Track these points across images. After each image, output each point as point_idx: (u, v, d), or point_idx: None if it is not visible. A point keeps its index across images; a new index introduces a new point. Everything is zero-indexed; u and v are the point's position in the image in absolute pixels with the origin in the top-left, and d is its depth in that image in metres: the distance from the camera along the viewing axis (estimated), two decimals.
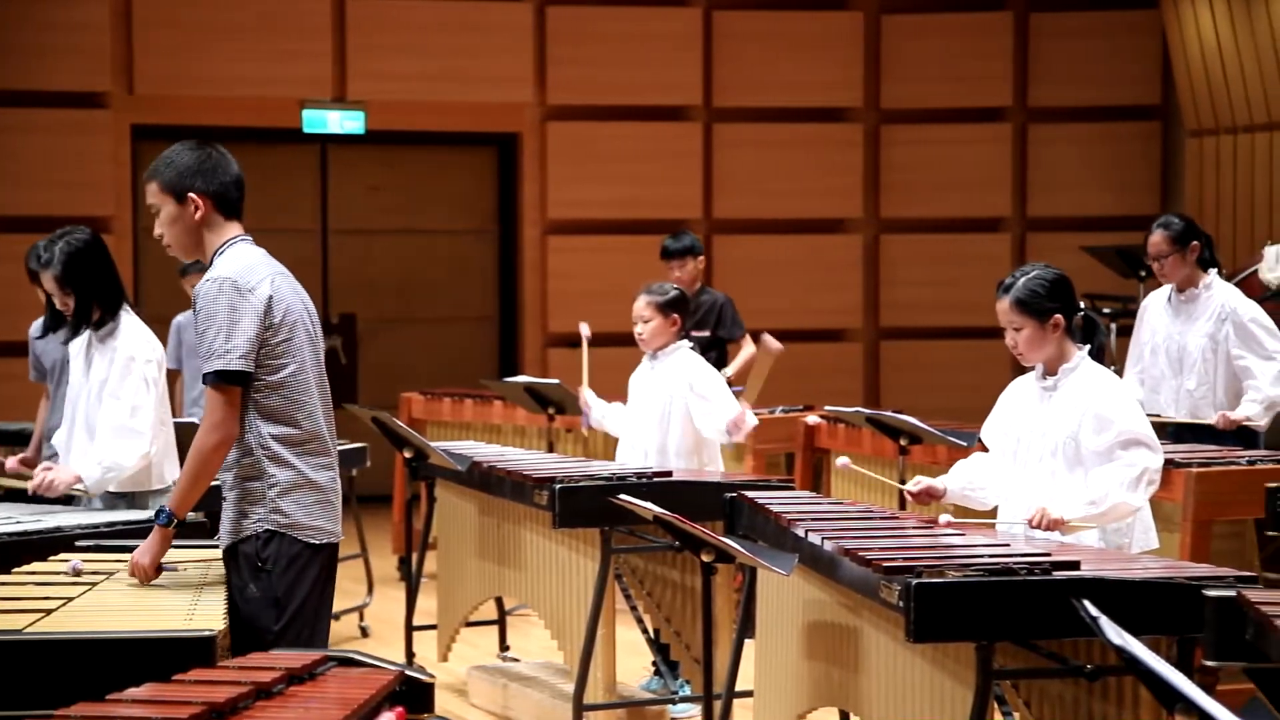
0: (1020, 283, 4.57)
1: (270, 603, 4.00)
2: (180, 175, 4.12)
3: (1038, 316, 4.53)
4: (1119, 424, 4.43)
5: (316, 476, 4.07)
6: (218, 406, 4.00)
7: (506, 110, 11.37)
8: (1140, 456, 4.40)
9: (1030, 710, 4.11)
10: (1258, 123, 10.85)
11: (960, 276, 11.65)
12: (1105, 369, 4.63)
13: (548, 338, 11.51)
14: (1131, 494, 4.39)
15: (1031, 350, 4.56)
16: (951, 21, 11.70)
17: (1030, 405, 4.62)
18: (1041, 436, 4.55)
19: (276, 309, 4.05)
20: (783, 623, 4.78)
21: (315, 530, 4.06)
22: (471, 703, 6.54)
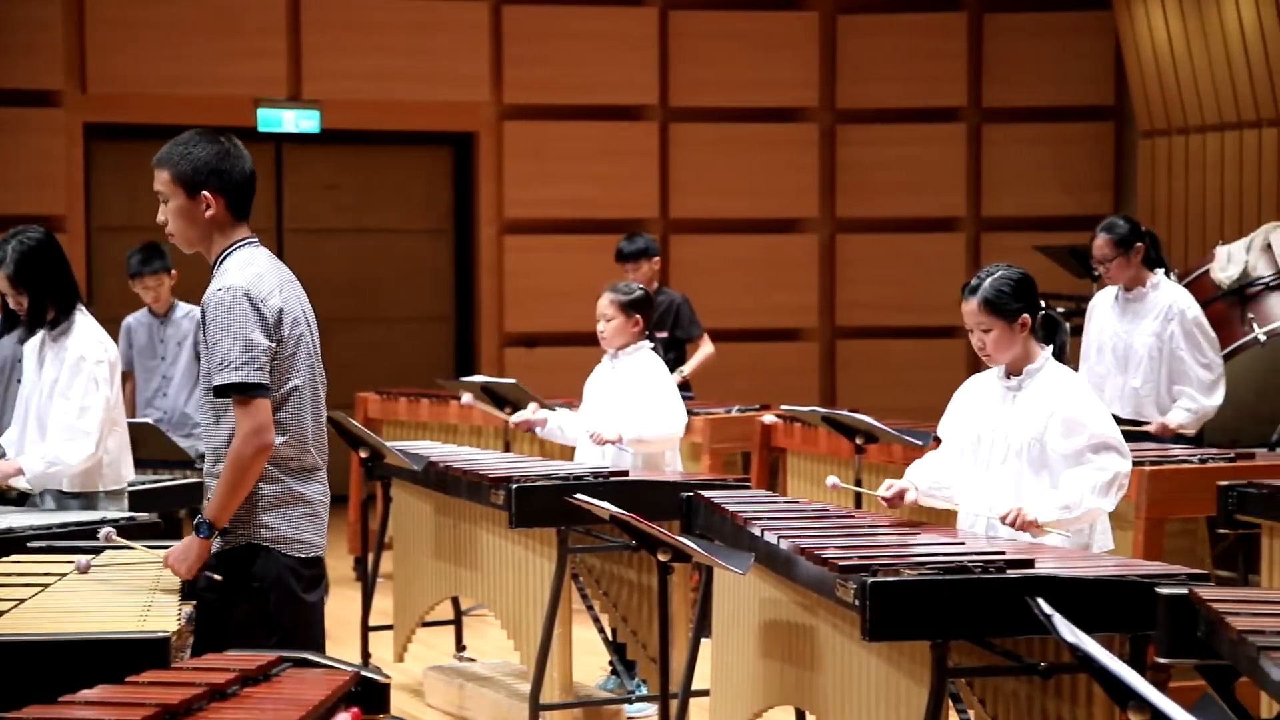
0: (987, 283, 4.56)
1: (262, 619, 3.96)
2: (196, 170, 4.01)
3: (1006, 317, 4.53)
4: (1090, 428, 4.43)
5: (305, 490, 4.04)
6: (250, 415, 3.91)
7: (463, 109, 11.35)
8: (1111, 461, 4.41)
9: (985, 708, 4.13)
10: (1209, 123, 10.94)
11: (916, 276, 11.70)
12: (1069, 370, 4.64)
13: (504, 337, 11.49)
14: (1103, 498, 4.40)
15: (1000, 351, 4.56)
16: (906, 22, 11.74)
17: (992, 405, 4.62)
18: (1005, 438, 4.54)
19: (285, 322, 3.99)
20: (739, 622, 4.78)
21: (303, 544, 4.04)
22: (428, 703, 6.53)
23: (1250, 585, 5.27)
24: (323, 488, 4.09)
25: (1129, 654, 3.84)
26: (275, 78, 10.95)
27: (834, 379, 11.89)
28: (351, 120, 11.19)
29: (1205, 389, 6.51)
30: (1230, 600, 3.39)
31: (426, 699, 6.55)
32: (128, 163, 11.11)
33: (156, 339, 7.73)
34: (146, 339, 7.74)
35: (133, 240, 8.24)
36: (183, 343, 7.64)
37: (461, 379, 8.28)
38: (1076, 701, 3.89)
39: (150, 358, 7.73)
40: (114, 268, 10.91)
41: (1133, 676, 2.57)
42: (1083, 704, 3.87)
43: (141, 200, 10.99)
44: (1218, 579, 5.63)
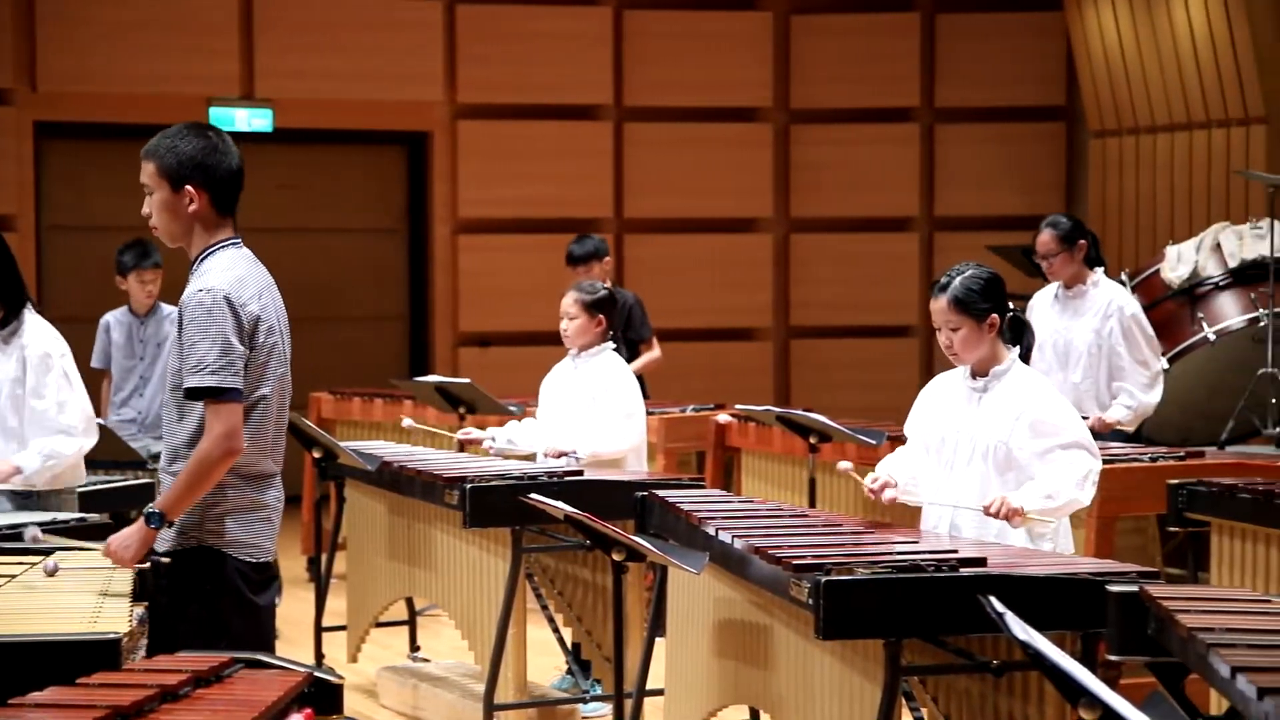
0: (957, 282, 4.55)
1: (213, 622, 3.94)
2: (180, 163, 3.99)
3: (975, 316, 4.53)
4: (1062, 428, 4.45)
5: (262, 496, 4.03)
6: (222, 418, 3.89)
7: (417, 109, 11.33)
8: (1084, 458, 4.44)
9: (938, 706, 4.15)
10: (1159, 124, 11.02)
11: (869, 275, 11.74)
12: (1037, 373, 4.65)
13: (458, 337, 11.47)
14: (1080, 492, 4.42)
15: (967, 350, 4.55)
16: (859, 22, 11.78)
17: (958, 405, 4.61)
18: (970, 439, 4.54)
19: (261, 330, 3.97)
20: (693, 621, 4.79)
21: (255, 549, 4.02)
22: (381, 704, 6.51)
23: (1200, 583, 5.31)
24: (278, 494, 4.09)
25: (1080, 651, 3.87)
26: (228, 76, 10.90)
27: (788, 378, 11.92)
28: (305, 119, 11.15)
29: (1144, 386, 6.57)
30: (1180, 598, 3.41)
31: (380, 700, 6.54)
32: (78, 161, 11.04)
33: (136, 338, 7.68)
34: (125, 338, 7.69)
35: (83, 239, 8.21)
36: (162, 343, 7.60)
37: (415, 379, 8.26)
38: (1028, 699, 3.91)
39: (128, 357, 7.68)
40: (64, 267, 10.86)
41: (1084, 674, 2.58)
42: (1035, 701, 3.89)
43: (92, 199, 10.97)
44: (1168, 577, 5.68)
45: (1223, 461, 5.89)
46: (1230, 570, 5.03)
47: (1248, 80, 10.35)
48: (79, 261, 10.74)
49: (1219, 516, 5.09)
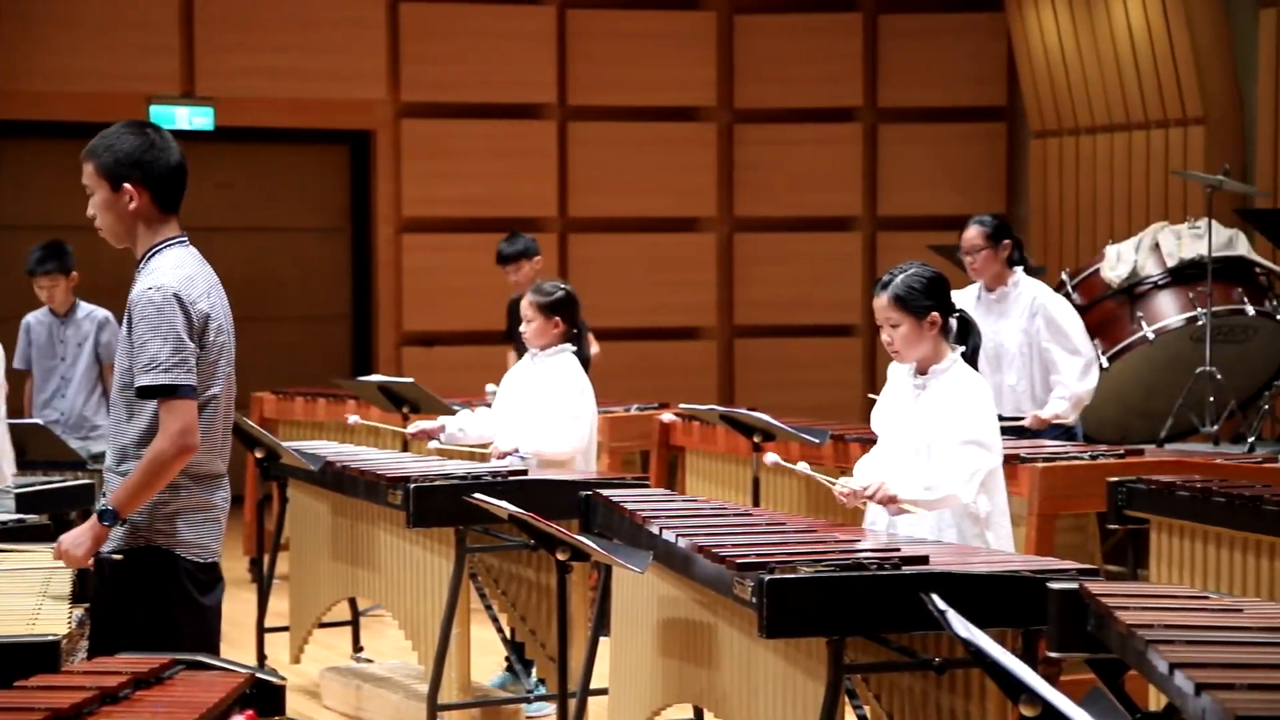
0: (899, 279, 4.60)
1: (160, 622, 3.92)
2: (118, 162, 3.97)
3: (915, 314, 4.56)
4: (969, 427, 4.49)
5: (211, 497, 4.01)
6: (177, 415, 3.86)
7: (359, 107, 11.29)
8: (977, 456, 4.47)
9: (880, 703, 4.17)
10: (1099, 124, 11.10)
11: (813, 275, 11.78)
12: (975, 372, 4.68)
13: (402, 336, 11.44)
14: (963, 488, 4.46)
15: (908, 347, 4.59)
16: (802, 22, 11.82)
17: (903, 401, 4.67)
18: (907, 435, 4.60)
19: (211, 329, 3.96)
20: (638, 620, 4.79)
21: (202, 549, 4.00)
22: (324, 704, 6.48)
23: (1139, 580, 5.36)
24: (226, 494, 4.07)
25: (1021, 648, 3.89)
26: (168, 74, 10.83)
27: (732, 377, 11.95)
28: (246, 118, 11.09)
29: (1078, 375, 6.56)
30: (1119, 595, 3.43)
31: (323, 700, 6.51)
32: (18, 160, 10.94)
33: (56, 339, 7.62)
34: (46, 338, 7.62)
35: (24, 238, 8.12)
36: (83, 344, 7.54)
37: (359, 378, 8.23)
38: (970, 696, 3.93)
39: (49, 357, 7.62)
40: (5, 266, 10.74)
41: (1024, 670, 2.60)
42: (976, 698, 3.92)
43: (31, 198, 10.86)
44: (1108, 574, 5.72)
45: (1162, 459, 5.94)
46: (1169, 567, 5.07)
47: (1186, 82, 10.45)
48: (16, 261, 10.63)
49: (1158, 514, 5.13)
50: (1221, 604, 3.41)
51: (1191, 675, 2.71)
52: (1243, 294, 8.86)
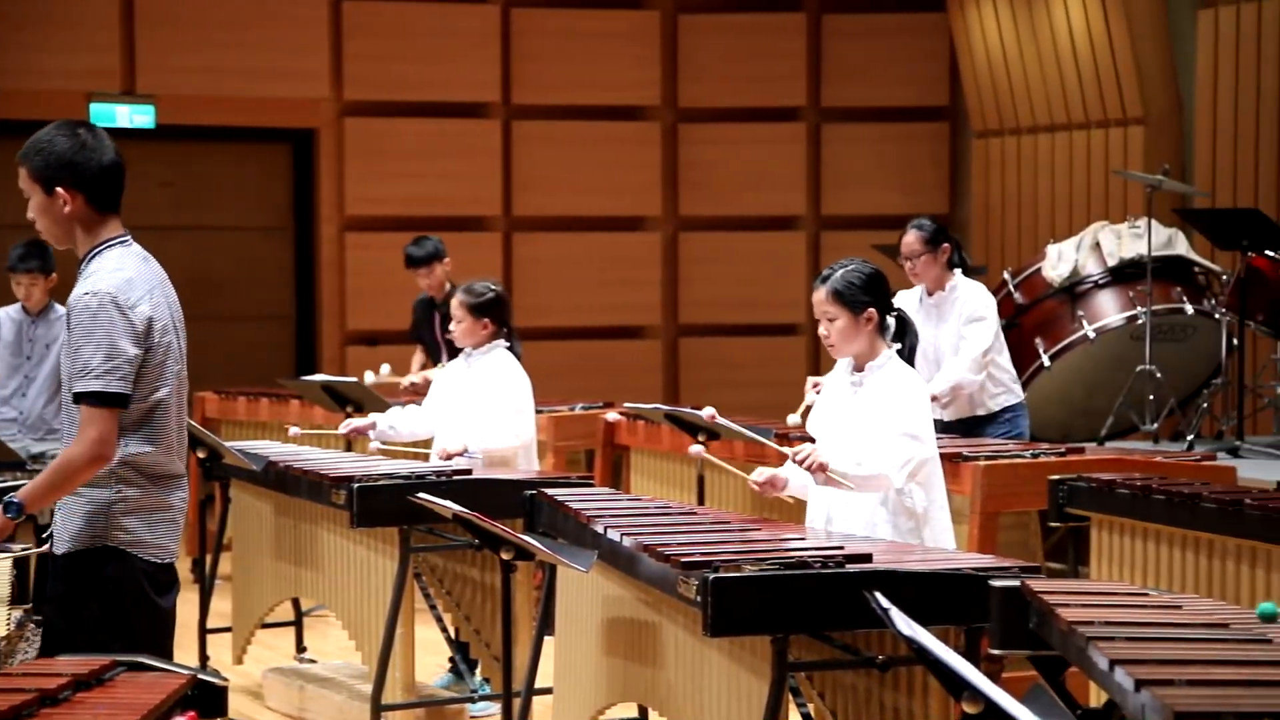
0: (838, 274, 4.64)
1: (114, 623, 3.89)
2: (48, 165, 3.92)
3: (852, 309, 4.60)
4: (904, 418, 4.52)
5: (169, 497, 3.98)
6: (97, 424, 3.82)
7: (302, 105, 11.23)
8: (909, 446, 4.51)
9: (824, 701, 4.18)
10: (1041, 124, 11.18)
11: (757, 274, 11.80)
12: (911, 369, 4.70)
13: (345, 336, 11.39)
14: (895, 472, 4.50)
15: (844, 342, 4.63)
16: (746, 22, 11.84)
17: (841, 398, 4.70)
18: (844, 432, 4.62)
19: (155, 330, 3.92)
20: (582, 619, 4.79)
21: (159, 549, 3.98)
22: (267, 705, 6.45)
23: (1080, 577, 5.40)
24: (184, 494, 4.05)
25: (964, 646, 3.91)
26: (109, 71, 10.74)
27: (677, 376, 11.96)
28: (188, 116, 11.01)
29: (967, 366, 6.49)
30: (1060, 592, 3.46)
31: (266, 701, 6.48)
32: None
33: (25, 337, 7.55)
34: (15, 336, 7.55)
35: None
36: (51, 345, 7.46)
37: (302, 378, 8.20)
38: (913, 693, 3.95)
39: (15, 355, 7.54)
40: None
41: (966, 668, 2.62)
42: (919, 696, 3.94)
43: None
44: (1049, 571, 5.76)
45: (1102, 458, 5.97)
46: (1110, 564, 5.11)
47: (1126, 82, 10.54)
48: None
49: (1099, 511, 5.17)
50: (1161, 601, 3.44)
51: (1131, 671, 2.74)
52: (1182, 293, 8.95)
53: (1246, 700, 2.60)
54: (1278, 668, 2.83)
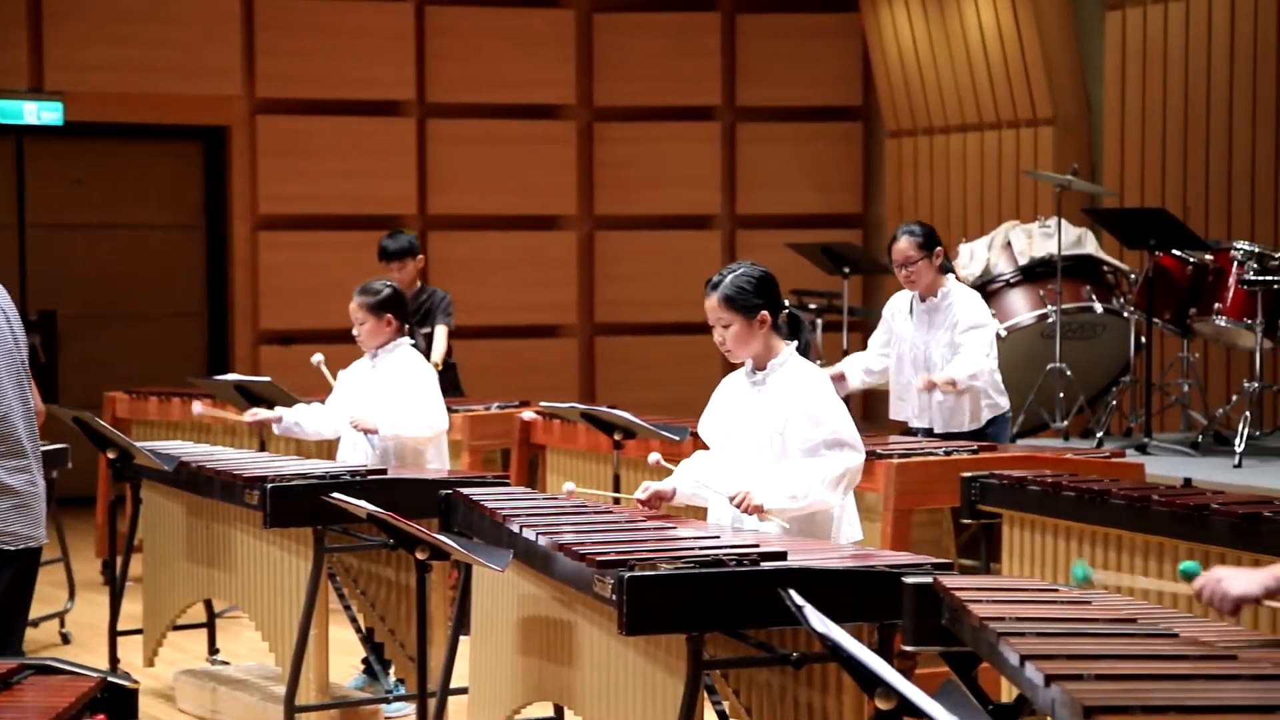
0: (728, 280, 4.64)
1: None
2: None
3: (745, 313, 4.61)
4: (828, 424, 4.52)
5: (10, 481, 3.93)
6: None
7: (214, 103, 11.13)
8: (844, 458, 4.51)
9: (739, 699, 4.20)
10: (952, 124, 11.28)
11: (673, 273, 11.83)
12: (813, 365, 4.73)
13: (258, 335, 11.31)
14: (831, 492, 4.50)
15: (739, 346, 4.64)
16: (662, 21, 11.87)
17: (742, 400, 4.70)
18: (750, 432, 4.63)
19: None
20: (498, 619, 4.79)
21: (11, 536, 3.92)
22: (179, 708, 6.40)
23: (992, 574, 5.45)
24: (31, 478, 3.99)
25: (877, 642, 3.94)
26: (15, 68, 10.59)
27: (593, 375, 11.96)
28: (97, 113, 10.89)
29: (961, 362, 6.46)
30: (972, 588, 3.49)
31: (178, 704, 6.42)
32: None
33: None
34: None
35: None
36: None
37: (214, 377, 8.12)
38: (827, 690, 3.97)
39: None
40: None
41: (880, 664, 2.64)
42: (833, 693, 3.96)
43: None
44: (961, 568, 5.81)
45: (1013, 455, 6.03)
46: (1021, 560, 5.17)
47: (1036, 83, 10.65)
48: None
49: (1010, 508, 5.22)
50: (1070, 596, 3.48)
51: (1041, 667, 2.77)
52: (1091, 292, 9.06)
53: (1154, 694, 2.64)
54: (1184, 661, 2.88)
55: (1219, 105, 9.65)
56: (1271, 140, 9.41)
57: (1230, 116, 9.59)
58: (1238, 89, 9.54)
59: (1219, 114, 9.65)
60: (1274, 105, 9.39)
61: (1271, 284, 8.02)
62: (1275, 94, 9.38)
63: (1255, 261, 8.12)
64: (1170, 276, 8.55)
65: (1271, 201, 9.45)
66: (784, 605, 3.10)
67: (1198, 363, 9.20)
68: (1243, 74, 9.50)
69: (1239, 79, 9.52)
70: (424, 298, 8.31)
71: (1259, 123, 9.45)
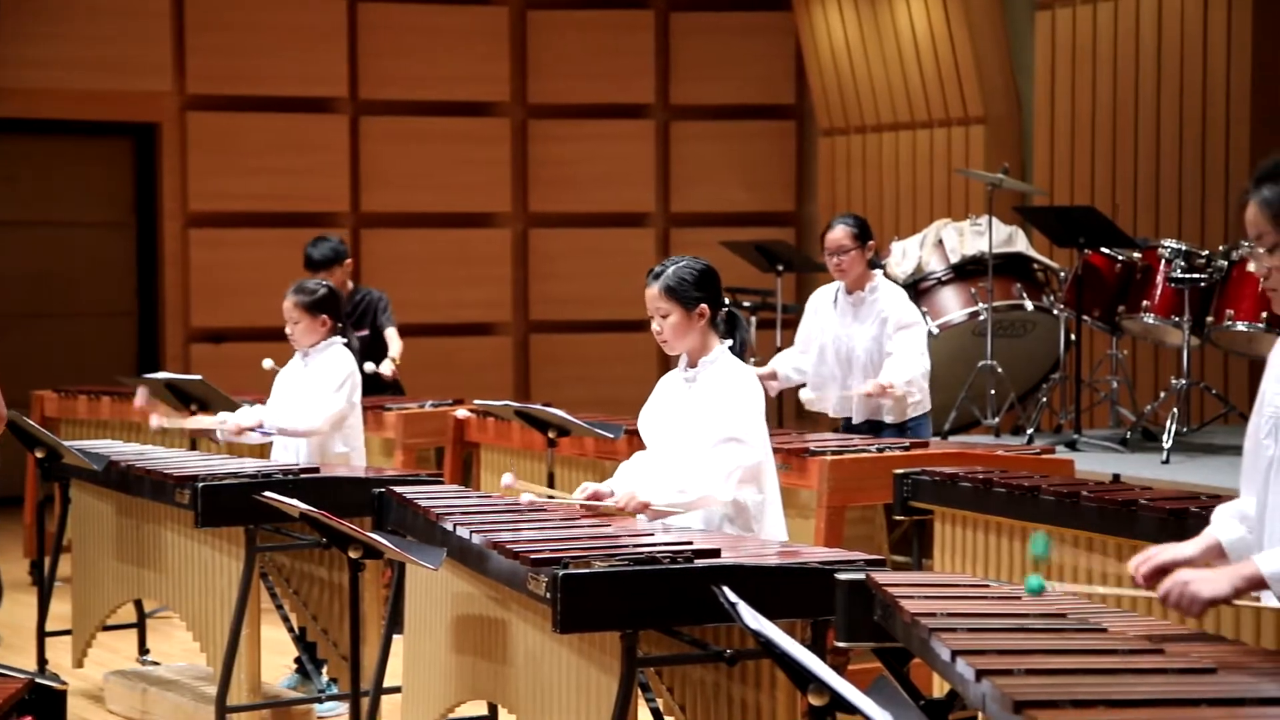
0: (670, 270, 4.66)
1: None
2: None
3: (684, 304, 4.62)
4: (728, 420, 4.54)
5: None
6: None
7: (144, 100, 11.04)
8: (735, 452, 4.50)
9: (673, 696, 4.21)
10: (885, 123, 11.34)
11: (607, 270, 11.83)
12: (743, 364, 4.74)
13: (189, 333, 11.22)
14: (720, 488, 4.50)
15: (676, 338, 4.65)
16: (595, 18, 11.87)
17: (675, 397, 4.72)
18: (682, 428, 4.64)
19: None
20: (432, 618, 4.77)
21: None
22: (109, 709, 6.35)
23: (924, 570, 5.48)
24: None
25: (810, 639, 3.96)
26: None
27: (527, 373, 11.95)
28: (26, 109, 10.77)
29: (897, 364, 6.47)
30: (904, 584, 3.51)
31: (107, 705, 6.37)
32: None
33: None
34: None
35: None
36: None
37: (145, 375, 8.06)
38: (760, 687, 3.99)
39: None
40: None
41: (812, 661, 2.65)
42: (766, 689, 3.97)
43: None
44: (894, 564, 5.84)
45: (945, 451, 6.06)
46: (953, 556, 5.20)
47: (967, 82, 10.72)
48: None
49: (942, 505, 5.25)
50: (1001, 592, 3.50)
51: (972, 662, 2.79)
52: (1022, 289, 9.13)
53: (1083, 688, 2.66)
54: (1113, 656, 2.91)
55: (1147, 105, 9.75)
56: (1198, 139, 9.52)
57: (1158, 116, 9.69)
58: (1165, 89, 9.64)
59: (1147, 113, 9.75)
60: (1200, 103, 9.50)
61: (1198, 282, 8.11)
62: (1201, 92, 9.49)
63: (1183, 259, 8.21)
64: (1099, 274, 8.63)
65: (1198, 200, 9.55)
66: (718, 602, 3.11)
67: (1127, 360, 9.29)
68: (1170, 74, 9.60)
69: (1166, 79, 9.62)
70: (360, 298, 8.27)
71: (1186, 122, 9.56)
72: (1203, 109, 9.48)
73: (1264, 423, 3.12)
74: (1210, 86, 9.44)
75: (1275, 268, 3.03)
